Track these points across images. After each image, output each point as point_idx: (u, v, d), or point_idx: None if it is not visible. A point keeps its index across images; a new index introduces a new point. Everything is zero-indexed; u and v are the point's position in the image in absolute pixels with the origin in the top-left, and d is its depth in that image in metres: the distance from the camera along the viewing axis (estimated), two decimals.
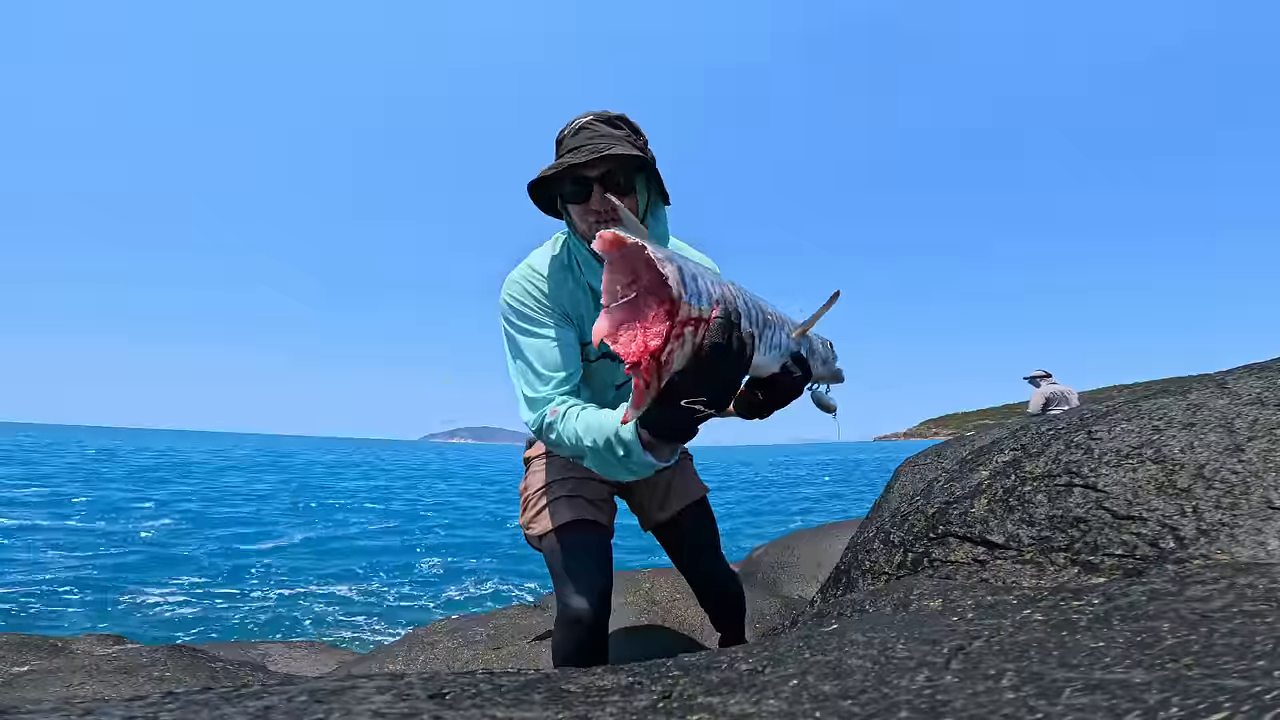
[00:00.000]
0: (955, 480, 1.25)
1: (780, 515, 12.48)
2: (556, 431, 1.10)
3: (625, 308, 0.71)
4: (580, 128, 1.16)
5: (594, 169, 1.11)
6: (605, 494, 1.39)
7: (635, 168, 1.16)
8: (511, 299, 1.22)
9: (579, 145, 1.12)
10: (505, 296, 1.23)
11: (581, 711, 0.46)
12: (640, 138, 1.20)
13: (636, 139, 1.19)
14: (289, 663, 2.74)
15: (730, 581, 1.53)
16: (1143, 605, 0.61)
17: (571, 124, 1.18)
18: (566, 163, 1.09)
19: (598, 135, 1.13)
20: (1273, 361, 1.20)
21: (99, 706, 0.44)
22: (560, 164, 1.10)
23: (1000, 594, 0.81)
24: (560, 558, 1.25)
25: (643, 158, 1.12)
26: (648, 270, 0.69)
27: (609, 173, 1.12)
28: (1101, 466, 0.99)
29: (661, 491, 1.48)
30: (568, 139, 1.16)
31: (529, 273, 1.23)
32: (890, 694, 0.45)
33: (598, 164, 1.10)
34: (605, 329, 0.71)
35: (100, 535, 8.71)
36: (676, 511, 1.47)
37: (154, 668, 1.92)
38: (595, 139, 1.12)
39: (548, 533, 1.29)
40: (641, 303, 0.71)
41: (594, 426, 1.01)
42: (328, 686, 0.49)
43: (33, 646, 2.42)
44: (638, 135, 1.20)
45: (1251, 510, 0.80)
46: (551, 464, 1.39)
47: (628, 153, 1.09)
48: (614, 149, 1.09)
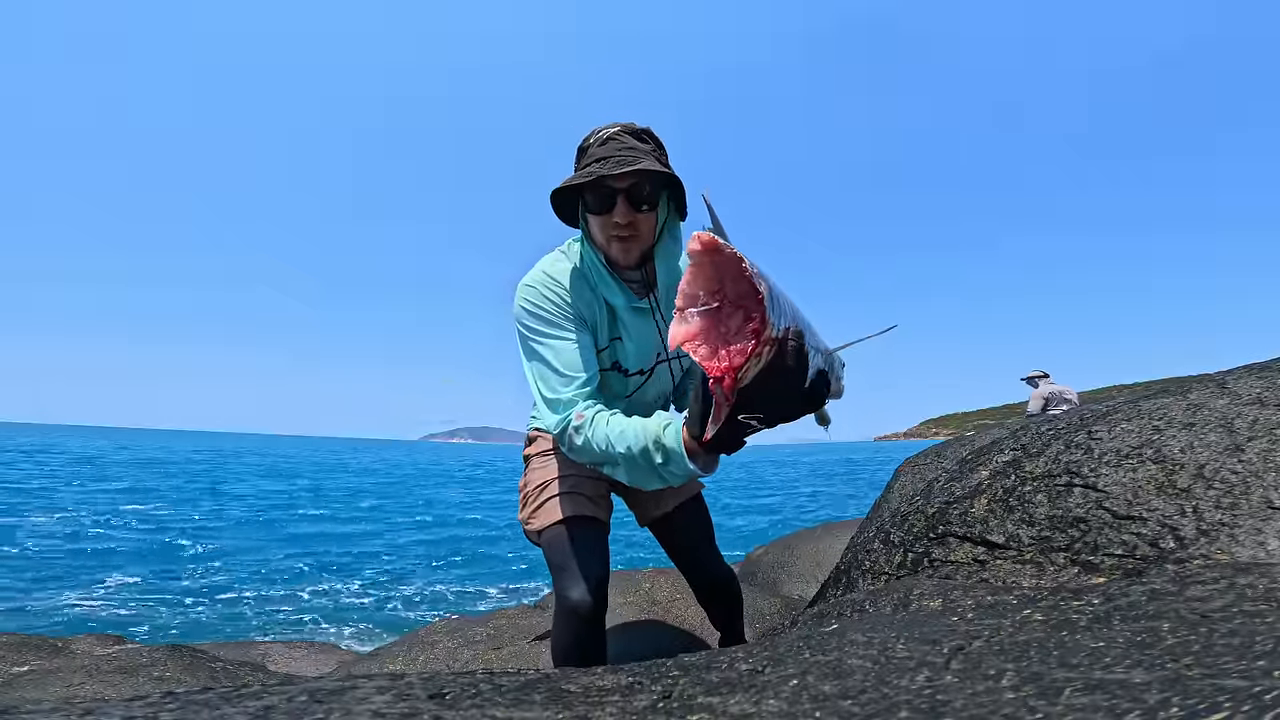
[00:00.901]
0: (955, 480, 1.25)
1: (780, 515, 12.47)
2: (584, 437, 1.08)
3: (706, 316, 0.68)
4: (609, 138, 1.15)
5: (622, 181, 1.11)
6: (603, 490, 1.40)
7: (661, 184, 1.16)
8: (528, 303, 1.21)
9: (607, 156, 1.11)
10: (521, 301, 1.22)
11: (581, 711, 0.46)
12: (664, 153, 1.21)
13: (661, 154, 1.19)
14: (289, 663, 2.74)
15: (727, 578, 1.55)
16: (1143, 605, 0.61)
17: (598, 133, 1.17)
18: (595, 173, 1.08)
19: (626, 147, 1.13)
20: (1273, 361, 1.20)
21: (99, 706, 0.44)
22: (589, 173, 1.10)
23: (1000, 594, 0.81)
24: (558, 552, 1.27)
25: (672, 175, 1.12)
26: (737, 282, 0.67)
27: (635, 185, 1.11)
28: (1101, 466, 0.99)
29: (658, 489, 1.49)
30: (594, 148, 1.15)
31: (545, 278, 1.22)
32: (890, 694, 0.45)
33: (627, 176, 1.10)
34: (682, 335, 0.68)
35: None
36: (671, 508, 1.49)
37: (154, 668, 1.92)
38: (623, 151, 1.12)
39: (546, 528, 1.31)
40: (725, 314, 0.68)
41: (629, 433, 1.00)
42: (328, 686, 0.49)
43: (33, 646, 2.42)
44: (662, 150, 1.20)
45: (1251, 510, 0.80)
46: (550, 461, 1.39)
47: (657, 169, 1.09)
48: (642, 163, 1.08)
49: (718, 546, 1.56)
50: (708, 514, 1.56)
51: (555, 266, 1.23)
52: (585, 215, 1.20)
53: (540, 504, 1.35)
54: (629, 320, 1.23)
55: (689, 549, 1.53)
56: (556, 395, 1.15)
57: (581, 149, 1.19)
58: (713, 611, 1.61)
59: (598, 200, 1.13)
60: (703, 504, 1.55)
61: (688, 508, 1.51)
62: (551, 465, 1.39)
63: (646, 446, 0.96)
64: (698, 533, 1.52)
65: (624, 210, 1.12)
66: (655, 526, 1.54)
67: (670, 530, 1.52)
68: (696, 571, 1.54)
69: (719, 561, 1.55)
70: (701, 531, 1.53)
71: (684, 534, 1.52)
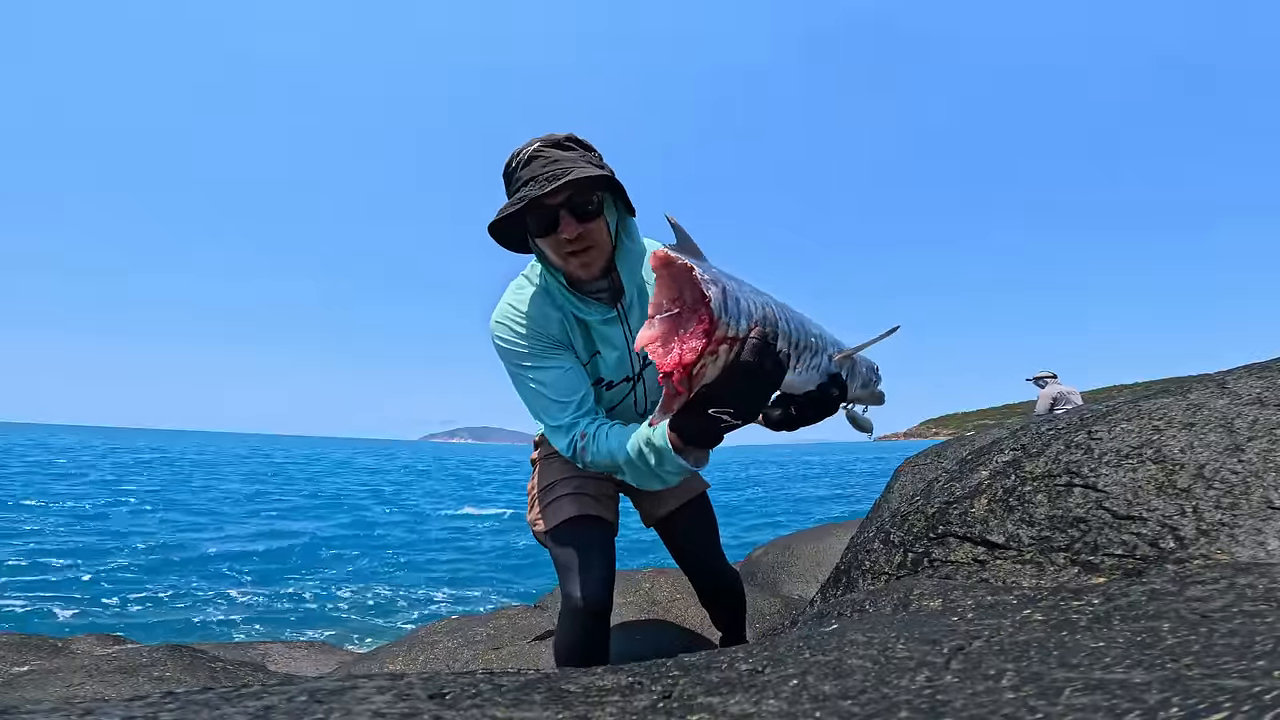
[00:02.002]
0: (955, 480, 1.25)
1: (780, 515, 12.47)
2: (591, 453, 1.11)
3: (667, 321, 0.78)
4: (531, 156, 1.09)
5: (556, 197, 1.06)
6: (609, 491, 1.42)
7: (600, 188, 1.11)
8: (503, 342, 1.19)
9: (534, 175, 1.06)
10: (496, 340, 1.21)
11: (581, 711, 0.46)
12: (594, 154, 1.15)
13: (591, 156, 1.13)
14: (289, 663, 2.74)
15: (730, 579, 1.55)
16: (1143, 605, 0.61)
17: (518, 154, 1.11)
18: (526, 196, 1.04)
19: (550, 161, 1.07)
20: (1273, 361, 1.20)
21: (99, 706, 0.44)
22: (520, 198, 1.06)
23: (1000, 594, 0.81)
24: (564, 551, 1.30)
25: (605, 175, 1.07)
26: (693, 289, 0.76)
27: (572, 197, 1.07)
28: (1101, 466, 0.99)
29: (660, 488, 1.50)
30: (519, 170, 1.10)
31: (510, 312, 1.19)
32: (890, 694, 0.45)
33: (560, 190, 1.05)
34: (645, 339, 0.77)
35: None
36: (674, 508, 1.49)
37: (154, 668, 1.92)
38: (549, 165, 1.06)
39: (552, 528, 1.34)
40: (684, 318, 0.77)
41: (626, 439, 1.04)
42: (328, 686, 0.49)
43: (33, 646, 2.42)
44: (590, 152, 1.15)
45: (1251, 510, 0.80)
46: (556, 464, 1.42)
47: (588, 174, 1.04)
48: (573, 173, 1.04)
49: (722, 549, 1.56)
50: (712, 516, 1.55)
51: (519, 295, 1.21)
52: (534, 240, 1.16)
53: (546, 505, 1.38)
54: (605, 332, 1.22)
55: (691, 550, 1.53)
56: (558, 422, 1.16)
57: (506, 175, 1.14)
58: (715, 613, 1.61)
59: (539, 223, 1.09)
60: (706, 505, 1.55)
61: (691, 508, 1.50)
62: (557, 467, 1.41)
63: (641, 448, 1.00)
64: (699, 534, 1.52)
65: (570, 225, 1.07)
66: (659, 527, 1.54)
67: (672, 531, 1.52)
68: (699, 573, 1.54)
69: (722, 563, 1.54)
70: (704, 533, 1.53)
71: (685, 535, 1.52)
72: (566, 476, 1.38)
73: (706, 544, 1.52)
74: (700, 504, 1.52)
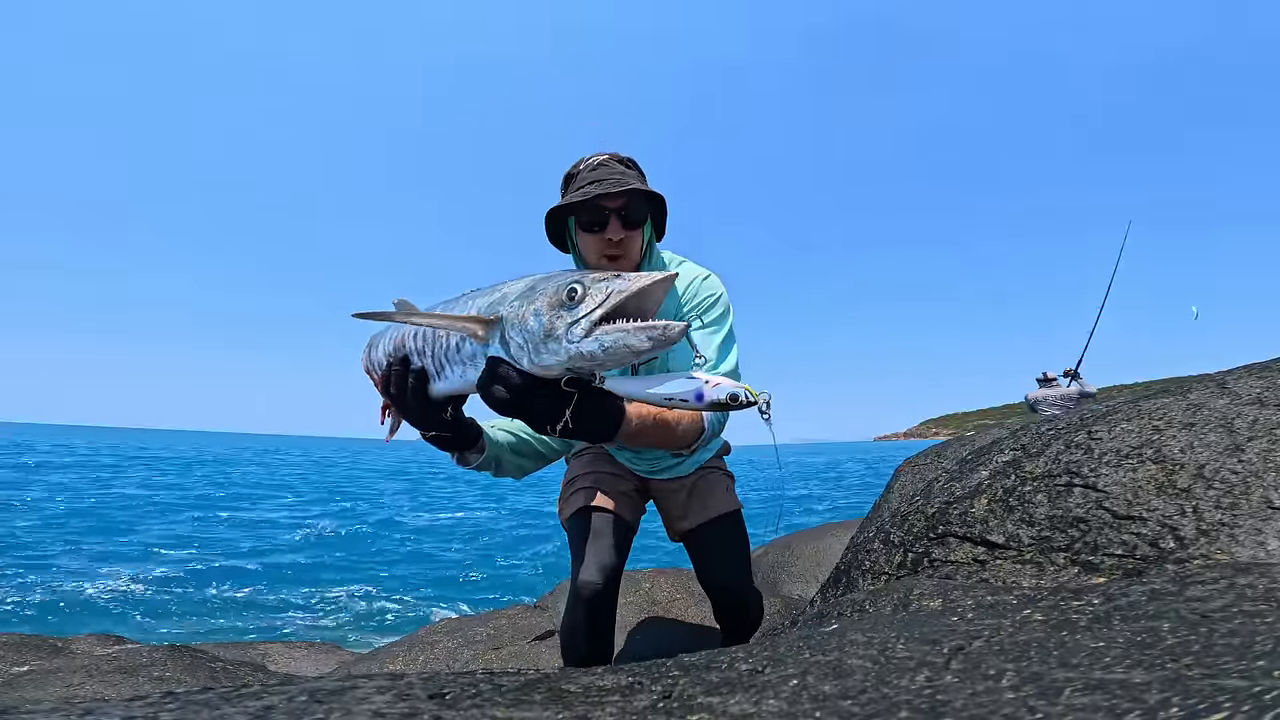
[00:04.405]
0: (955, 480, 1.25)
1: (780, 515, 12.46)
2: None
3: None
4: (599, 164, 1.25)
5: (616, 200, 1.19)
6: (627, 489, 1.51)
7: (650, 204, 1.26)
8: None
9: (600, 179, 1.20)
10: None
11: (581, 711, 0.46)
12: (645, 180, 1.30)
13: (644, 181, 1.29)
14: (289, 663, 2.74)
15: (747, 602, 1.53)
16: (1143, 605, 0.61)
17: (588, 160, 1.27)
18: (592, 192, 1.17)
19: (615, 173, 1.23)
20: (1273, 361, 1.20)
21: (99, 706, 0.44)
22: (585, 193, 1.18)
23: (1000, 594, 0.81)
24: (577, 538, 1.41)
25: (660, 197, 1.23)
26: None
27: (627, 204, 1.20)
28: (1101, 466, 0.99)
29: (683, 503, 1.53)
30: (585, 173, 1.24)
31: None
32: (890, 694, 0.45)
33: (620, 195, 1.18)
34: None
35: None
36: (696, 524, 1.51)
37: (154, 668, 1.92)
38: (614, 175, 1.22)
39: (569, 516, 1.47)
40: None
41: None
42: (328, 686, 0.49)
43: (33, 646, 2.42)
44: (644, 178, 1.31)
45: (1251, 510, 0.80)
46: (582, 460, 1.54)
47: (645, 189, 1.20)
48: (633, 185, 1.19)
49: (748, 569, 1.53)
50: (738, 535, 1.53)
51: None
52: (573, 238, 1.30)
53: (568, 495, 1.51)
54: None
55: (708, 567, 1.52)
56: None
57: (569, 175, 1.29)
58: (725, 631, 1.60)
59: (592, 218, 1.21)
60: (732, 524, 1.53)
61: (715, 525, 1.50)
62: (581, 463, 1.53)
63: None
64: (718, 552, 1.51)
65: (616, 228, 1.20)
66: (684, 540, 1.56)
67: (692, 547, 1.54)
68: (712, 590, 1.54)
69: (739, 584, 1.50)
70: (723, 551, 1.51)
71: (703, 552, 1.52)
72: (587, 471, 1.50)
73: (725, 563, 1.50)
74: (725, 523, 1.51)
